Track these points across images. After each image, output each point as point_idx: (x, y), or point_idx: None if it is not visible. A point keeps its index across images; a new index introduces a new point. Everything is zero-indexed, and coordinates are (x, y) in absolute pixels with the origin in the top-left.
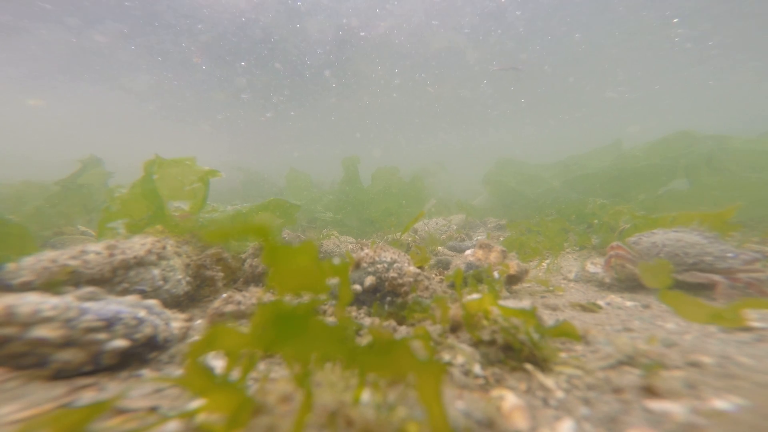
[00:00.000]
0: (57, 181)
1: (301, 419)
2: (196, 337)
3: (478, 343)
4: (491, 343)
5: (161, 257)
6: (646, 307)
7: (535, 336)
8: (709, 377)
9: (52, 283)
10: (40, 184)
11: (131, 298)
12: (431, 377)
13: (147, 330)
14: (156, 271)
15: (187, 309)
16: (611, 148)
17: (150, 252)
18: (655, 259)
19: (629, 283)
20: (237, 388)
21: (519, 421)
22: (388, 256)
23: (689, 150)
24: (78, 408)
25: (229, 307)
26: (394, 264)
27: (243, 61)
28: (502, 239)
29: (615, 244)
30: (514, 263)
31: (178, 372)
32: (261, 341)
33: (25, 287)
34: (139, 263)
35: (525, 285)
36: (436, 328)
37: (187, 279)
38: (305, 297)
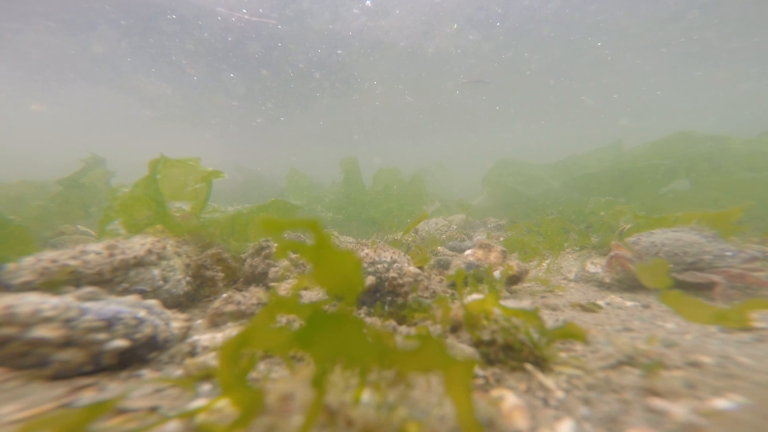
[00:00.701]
0: (59, 179)
1: (311, 418)
2: (230, 332)
3: (478, 343)
4: (491, 343)
5: (161, 257)
6: (646, 307)
7: (535, 336)
8: (709, 377)
9: (52, 283)
10: (38, 184)
11: (131, 298)
12: (461, 374)
13: (147, 330)
14: (156, 271)
15: (187, 309)
16: (611, 148)
17: (150, 252)
18: (652, 259)
19: (629, 283)
20: (254, 387)
21: (519, 421)
22: (388, 256)
23: (689, 150)
24: (79, 408)
25: (229, 307)
26: (394, 264)
27: (239, 63)
28: (502, 239)
29: (615, 243)
30: (514, 263)
31: (179, 372)
32: (299, 340)
33: (25, 287)
34: (139, 263)
35: (525, 285)
36: (437, 328)
37: (187, 279)
38: (316, 293)
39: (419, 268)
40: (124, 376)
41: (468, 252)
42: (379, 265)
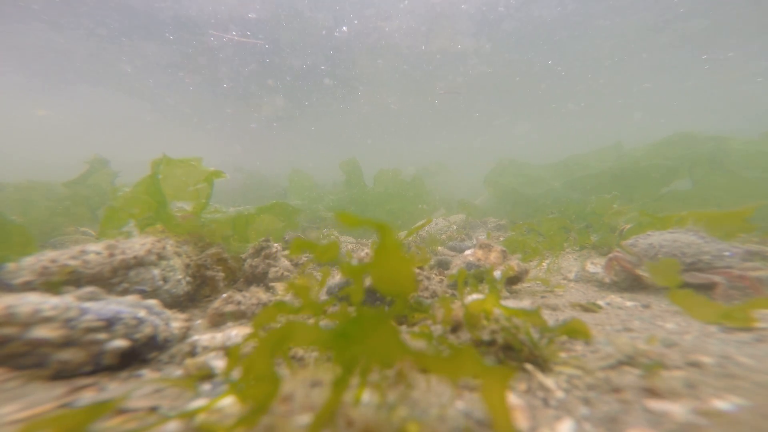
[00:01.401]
0: (65, 183)
1: (321, 418)
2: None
3: (478, 343)
4: (491, 343)
5: (161, 257)
6: (646, 307)
7: (536, 336)
8: (709, 377)
9: (52, 283)
10: (46, 185)
11: (131, 298)
12: (498, 382)
13: (147, 330)
14: (156, 271)
15: (187, 309)
16: (612, 149)
17: (150, 252)
18: (662, 259)
19: (629, 283)
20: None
21: (519, 421)
22: None
23: (690, 150)
24: (80, 408)
25: (229, 307)
26: None
27: (239, 65)
28: (502, 239)
29: (617, 248)
30: (515, 263)
31: (179, 372)
32: (338, 340)
33: (26, 287)
34: (139, 263)
35: (525, 285)
36: (437, 328)
37: (187, 279)
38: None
39: (419, 268)
40: (124, 376)
41: (468, 252)
42: None
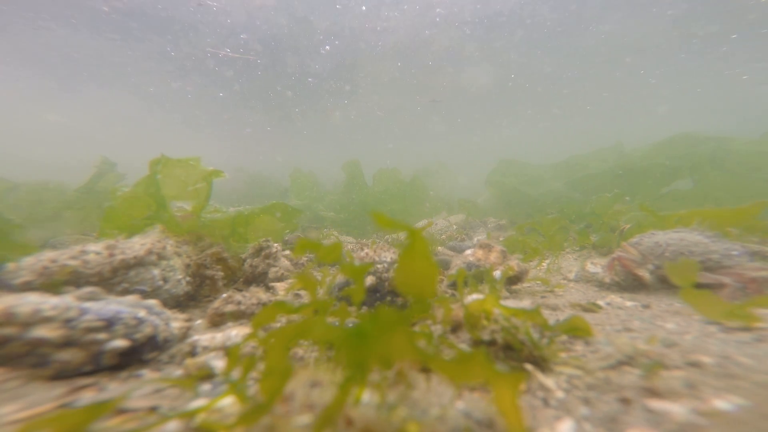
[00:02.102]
0: (77, 188)
1: (324, 420)
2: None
3: (478, 343)
4: (491, 343)
5: (161, 257)
6: (646, 307)
7: (536, 336)
8: (709, 377)
9: (52, 283)
10: (57, 187)
11: (131, 298)
12: (510, 387)
13: (147, 330)
14: (156, 271)
15: (187, 309)
16: (613, 149)
17: (150, 252)
18: (682, 259)
19: (629, 284)
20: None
21: None
22: (388, 256)
23: (692, 150)
24: (80, 408)
25: (229, 307)
26: (394, 264)
27: (238, 66)
28: (502, 239)
29: (619, 252)
30: (515, 263)
31: (179, 372)
32: (353, 339)
33: (26, 287)
34: (139, 263)
35: (525, 285)
36: (437, 328)
37: (187, 279)
38: (305, 297)
39: None
40: (124, 376)
41: (468, 252)
42: (379, 265)
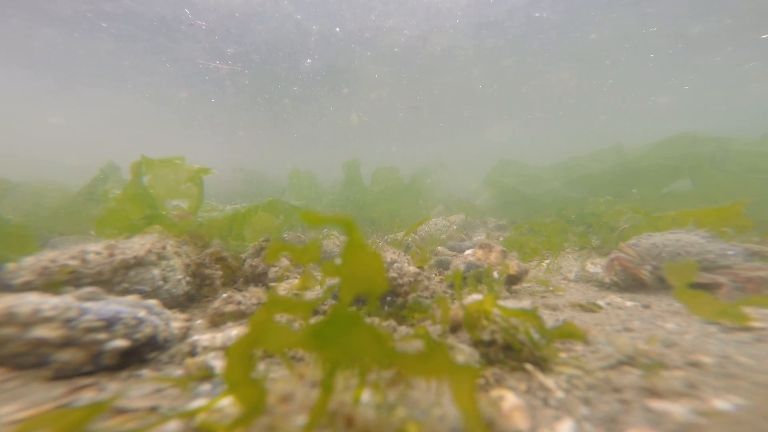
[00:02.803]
0: (80, 189)
1: (316, 417)
2: (230, 332)
3: (477, 343)
4: (491, 343)
5: (161, 257)
6: (646, 307)
7: (535, 336)
8: (709, 377)
9: (52, 283)
10: (59, 187)
11: (131, 298)
12: (467, 380)
13: (147, 330)
14: (156, 271)
15: (187, 309)
16: (613, 149)
17: (150, 252)
18: (681, 259)
19: (629, 284)
20: (259, 383)
21: (519, 421)
22: (387, 256)
23: (691, 151)
24: (77, 408)
25: (229, 307)
26: (394, 264)
27: (239, 69)
28: (501, 239)
29: (617, 253)
30: (514, 263)
31: (179, 372)
32: (311, 342)
33: (25, 287)
34: (139, 263)
35: (525, 285)
36: (436, 328)
37: (187, 279)
38: (305, 295)
39: (419, 268)
40: (124, 376)
41: (468, 252)
42: None
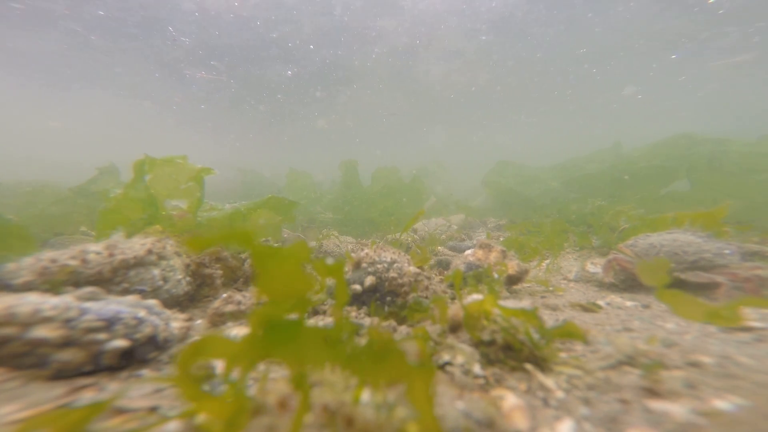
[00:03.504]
0: (72, 187)
1: (299, 419)
2: (190, 341)
3: (478, 343)
4: (491, 343)
5: (161, 257)
6: (646, 307)
7: (536, 336)
8: (709, 377)
9: (52, 283)
10: (54, 187)
11: (131, 298)
12: (422, 381)
13: (147, 330)
14: (156, 271)
15: (187, 309)
16: (611, 150)
17: (150, 252)
18: (654, 258)
19: (629, 283)
20: (223, 398)
21: (519, 421)
22: (388, 256)
23: (690, 152)
24: (77, 408)
25: (229, 307)
26: (394, 264)
27: (235, 68)
28: (501, 239)
29: (615, 254)
30: (514, 263)
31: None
32: (252, 349)
33: (26, 287)
34: (139, 263)
35: (525, 285)
36: (436, 328)
37: (187, 279)
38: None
39: (419, 268)
40: (124, 376)
41: (468, 252)
42: (379, 265)
